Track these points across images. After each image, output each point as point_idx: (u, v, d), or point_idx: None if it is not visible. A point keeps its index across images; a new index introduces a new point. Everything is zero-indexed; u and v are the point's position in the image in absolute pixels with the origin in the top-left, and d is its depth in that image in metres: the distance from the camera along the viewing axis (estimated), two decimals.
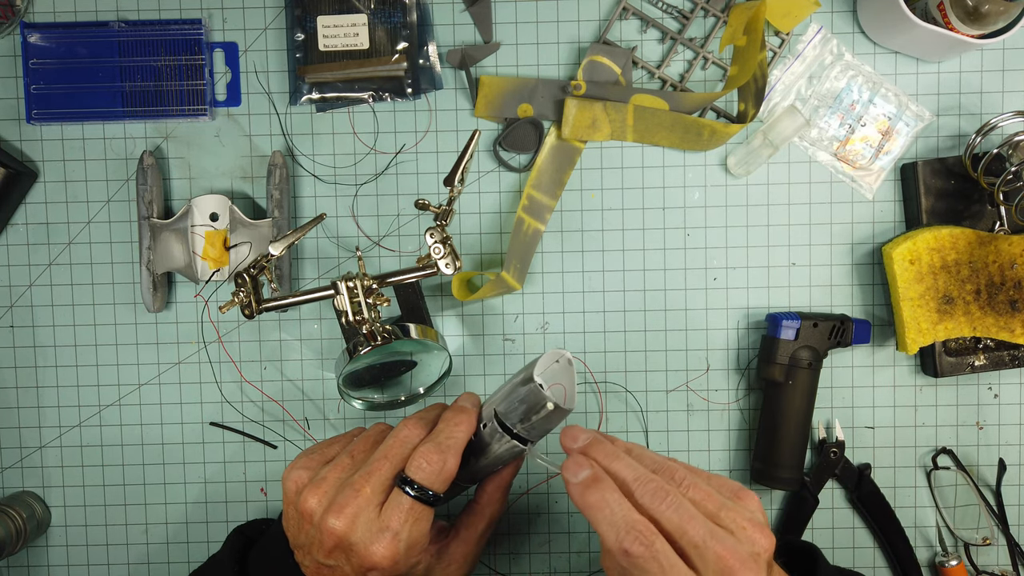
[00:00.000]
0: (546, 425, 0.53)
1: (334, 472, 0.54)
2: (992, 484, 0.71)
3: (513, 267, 0.68)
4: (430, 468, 0.52)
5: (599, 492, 0.48)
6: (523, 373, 0.53)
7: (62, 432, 0.71)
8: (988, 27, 0.63)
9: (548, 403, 0.51)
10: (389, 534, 0.51)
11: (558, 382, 0.53)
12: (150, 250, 0.68)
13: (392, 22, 0.68)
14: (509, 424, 0.54)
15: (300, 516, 0.54)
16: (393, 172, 0.70)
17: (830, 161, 0.70)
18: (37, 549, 0.72)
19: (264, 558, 0.59)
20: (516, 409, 0.53)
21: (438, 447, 0.53)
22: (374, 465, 0.53)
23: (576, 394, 0.54)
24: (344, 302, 0.60)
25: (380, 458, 0.54)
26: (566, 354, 0.54)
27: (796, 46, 0.69)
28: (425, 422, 0.56)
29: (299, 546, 0.55)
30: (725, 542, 0.46)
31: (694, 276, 0.70)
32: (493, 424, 0.54)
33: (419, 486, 0.52)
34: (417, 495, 0.52)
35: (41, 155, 0.70)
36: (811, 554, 0.58)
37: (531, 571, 0.72)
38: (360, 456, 0.55)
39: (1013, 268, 0.66)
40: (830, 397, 0.71)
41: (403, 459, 0.54)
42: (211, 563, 0.62)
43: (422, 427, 0.55)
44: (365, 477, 0.53)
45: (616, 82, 0.68)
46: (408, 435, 0.55)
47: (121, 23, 0.69)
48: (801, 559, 0.59)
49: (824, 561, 0.58)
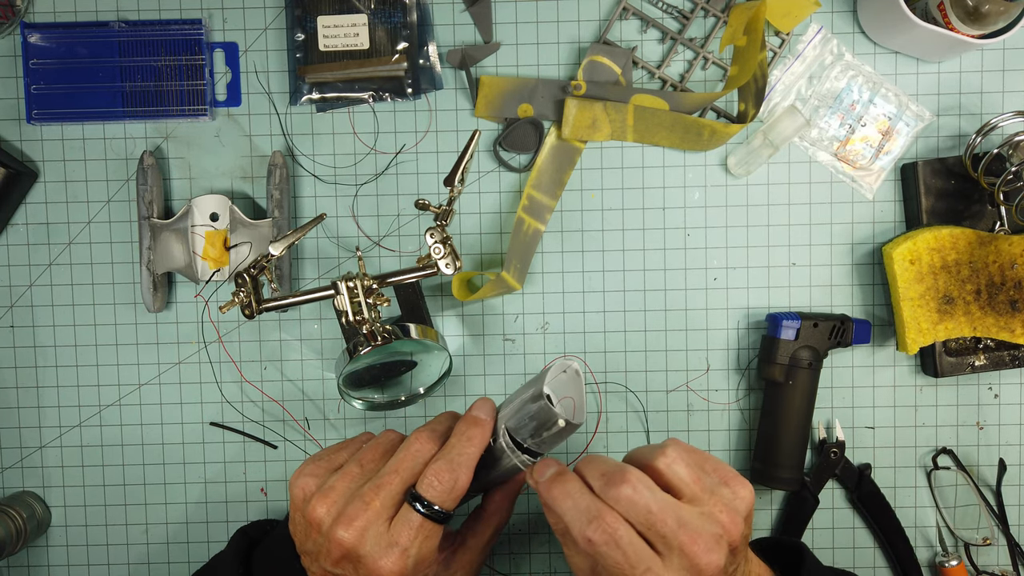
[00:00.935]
0: (557, 440, 0.53)
1: (343, 481, 0.54)
2: (992, 484, 0.71)
3: (513, 267, 0.68)
4: (441, 487, 0.52)
5: (561, 484, 0.50)
6: (532, 388, 0.53)
7: (62, 432, 0.71)
8: (988, 27, 0.63)
9: (559, 420, 0.51)
10: (398, 550, 0.51)
11: (567, 395, 0.54)
12: (150, 250, 0.68)
13: (392, 22, 0.68)
14: (520, 439, 0.54)
15: (308, 524, 0.53)
16: (393, 172, 0.70)
17: (830, 161, 0.70)
18: (37, 549, 0.72)
19: (268, 559, 0.59)
20: (526, 425, 0.53)
21: (450, 464, 0.52)
22: (385, 479, 0.53)
23: (585, 405, 0.54)
24: (344, 302, 0.60)
25: (391, 472, 0.53)
26: (574, 364, 0.54)
27: (796, 46, 0.69)
28: (437, 435, 0.55)
29: (306, 552, 0.55)
30: (689, 526, 0.47)
31: (694, 276, 0.70)
32: (504, 440, 0.54)
33: (429, 503, 0.52)
34: (427, 513, 0.52)
35: (41, 155, 0.70)
36: (799, 552, 0.59)
37: (531, 571, 0.72)
38: (370, 466, 0.55)
39: (1013, 268, 0.66)
40: (830, 397, 0.71)
41: (414, 474, 0.53)
42: (215, 562, 0.62)
43: (434, 441, 0.55)
44: (375, 490, 0.52)
45: (616, 82, 0.68)
46: (420, 449, 0.54)
47: (121, 23, 0.69)
48: (790, 558, 0.59)
49: (812, 559, 0.58)
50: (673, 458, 0.50)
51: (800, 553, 0.58)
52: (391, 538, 0.51)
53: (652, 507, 0.47)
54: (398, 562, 0.51)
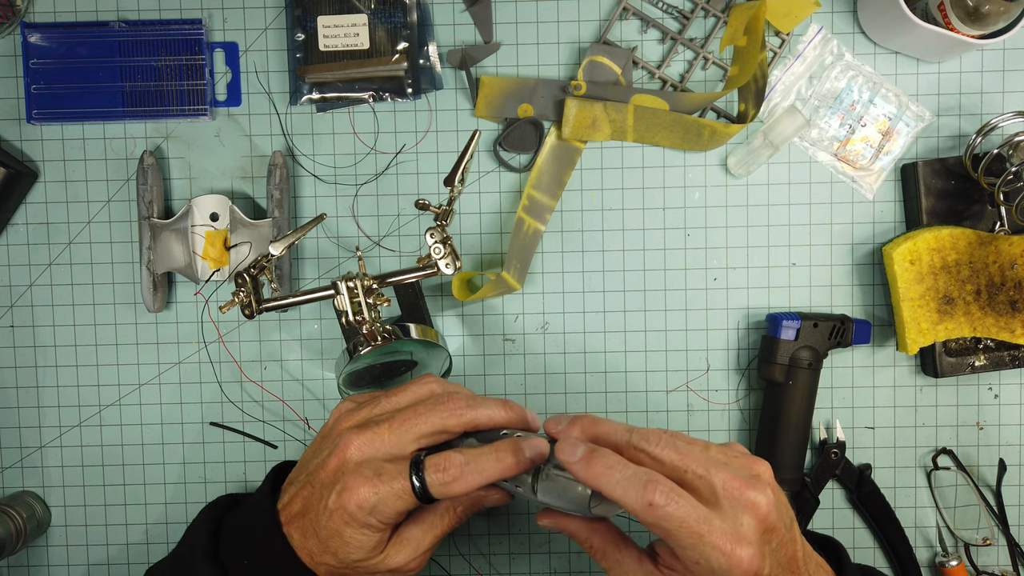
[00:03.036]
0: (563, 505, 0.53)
1: (375, 409, 0.57)
2: (992, 484, 0.71)
3: (513, 267, 0.68)
4: (442, 477, 0.52)
5: (601, 460, 0.49)
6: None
7: (62, 432, 0.71)
8: (988, 27, 0.63)
9: (592, 511, 0.52)
10: (374, 485, 0.51)
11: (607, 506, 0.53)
12: (150, 250, 0.68)
13: (392, 22, 0.68)
14: (534, 491, 0.54)
15: (330, 432, 0.56)
16: (393, 172, 0.70)
17: (830, 161, 0.70)
18: (37, 549, 0.72)
19: (239, 524, 0.58)
20: (555, 497, 0.52)
21: (462, 468, 0.52)
22: (403, 417, 0.55)
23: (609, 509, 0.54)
24: (344, 302, 0.60)
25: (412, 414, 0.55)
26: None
27: (796, 46, 0.69)
28: (474, 404, 0.56)
29: (304, 463, 0.56)
30: (725, 469, 0.48)
31: (694, 276, 0.70)
32: (522, 490, 0.54)
33: (423, 479, 0.52)
34: (416, 484, 0.52)
35: (41, 155, 0.70)
36: (835, 550, 0.58)
37: (531, 571, 0.72)
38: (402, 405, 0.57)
39: (1013, 268, 0.66)
40: (830, 397, 0.71)
41: (429, 423, 0.54)
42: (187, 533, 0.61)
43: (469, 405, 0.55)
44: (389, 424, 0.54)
45: (616, 82, 0.68)
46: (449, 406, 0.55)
47: (121, 23, 0.69)
48: (822, 554, 0.58)
49: (848, 558, 0.57)
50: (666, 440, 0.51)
51: (836, 551, 0.58)
52: (379, 468, 0.52)
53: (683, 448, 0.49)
54: (368, 495, 0.51)
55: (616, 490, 0.48)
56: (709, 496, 0.48)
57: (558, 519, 0.54)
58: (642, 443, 0.50)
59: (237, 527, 0.57)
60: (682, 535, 0.46)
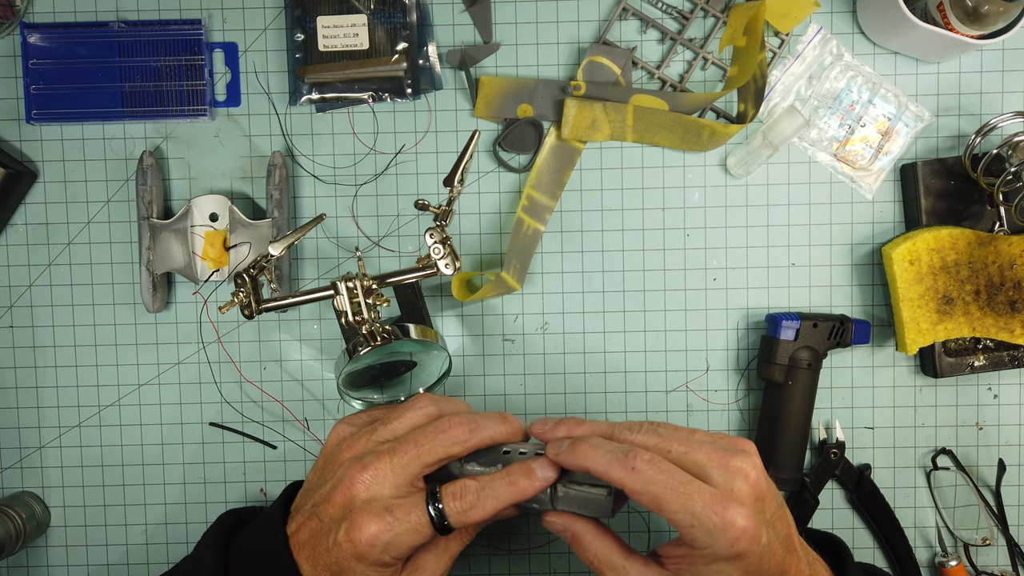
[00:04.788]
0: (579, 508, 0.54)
1: (373, 436, 0.56)
2: (992, 484, 0.71)
3: (513, 267, 0.68)
4: (460, 504, 0.52)
5: (584, 443, 0.51)
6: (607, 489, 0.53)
7: (62, 432, 0.71)
8: (988, 27, 0.63)
9: (609, 515, 0.53)
10: (389, 519, 0.51)
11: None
12: (150, 250, 0.68)
13: (392, 22, 0.68)
14: (553, 507, 0.54)
15: (331, 460, 0.55)
16: (393, 172, 0.70)
17: (830, 161, 0.70)
18: (37, 549, 0.72)
19: (250, 540, 0.58)
20: (576, 507, 0.53)
21: (478, 495, 0.52)
22: (403, 447, 0.53)
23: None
24: (344, 302, 0.60)
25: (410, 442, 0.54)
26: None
27: (796, 46, 0.69)
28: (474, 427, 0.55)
29: (309, 490, 0.56)
30: (708, 444, 0.50)
31: (694, 276, 0.71)
32: (538, 507, 0.54)
33: (441, 509, 0.52)
34: (434, 515, 0.52)
35: (41, 155, 0.70)
36: (837, 547, 0.58)
37: (531, 571, 0.72)
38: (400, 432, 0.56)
39: (1013, 268, 0.66)
40: (830, 397, 0.71)
41: (432, 453, 0.53)
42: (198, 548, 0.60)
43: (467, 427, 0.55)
44: (390, 453, 0.53)
45: (616, 82, 0.68)
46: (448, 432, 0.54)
47: (121, 23, 0.69)
48: (822, 551, 0.58)
49: (850, 555, 0.57)
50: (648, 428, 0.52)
51: (837, 548, 0.58)
52: (388, 504, 0.51)
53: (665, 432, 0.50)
54: (382, 531, 0.50)
55: (600, 463, 0.49)
56: (696, 470, 0.49)
57: (567, 519, 0.54)
58: (624, 433, 0.51)
59: (247, 553, 0.56)
60: (669, 497, 0.47)
